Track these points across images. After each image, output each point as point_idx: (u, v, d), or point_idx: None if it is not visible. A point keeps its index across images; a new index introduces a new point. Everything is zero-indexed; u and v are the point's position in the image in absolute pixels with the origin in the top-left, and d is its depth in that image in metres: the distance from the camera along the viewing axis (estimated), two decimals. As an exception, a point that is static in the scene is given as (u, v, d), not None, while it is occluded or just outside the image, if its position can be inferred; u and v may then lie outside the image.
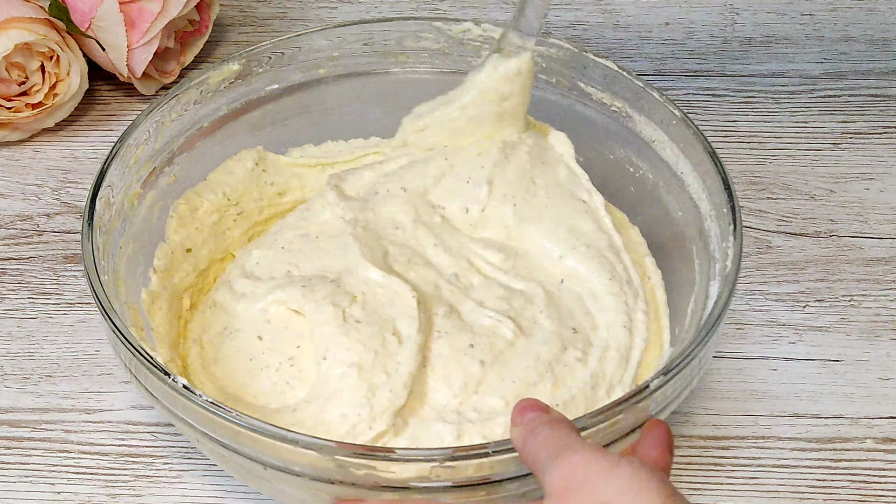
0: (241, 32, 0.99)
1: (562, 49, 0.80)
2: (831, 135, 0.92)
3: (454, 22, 0.82)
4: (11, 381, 0.77)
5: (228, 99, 0.80)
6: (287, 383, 0.71)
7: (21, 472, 0.73)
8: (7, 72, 0.87)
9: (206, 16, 0.95)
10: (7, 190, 0.88)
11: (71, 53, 0.88)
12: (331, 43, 0.81)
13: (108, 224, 0.72)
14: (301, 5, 1.02)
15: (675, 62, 0.97)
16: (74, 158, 0.90)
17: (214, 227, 0.79)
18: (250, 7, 1.01)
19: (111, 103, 0.94)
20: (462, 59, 0.82)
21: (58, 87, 0.89)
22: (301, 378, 0.71)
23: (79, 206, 0.87)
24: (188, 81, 0.78)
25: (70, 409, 0.76)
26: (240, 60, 0.79)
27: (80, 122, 0.92)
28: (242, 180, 0.80)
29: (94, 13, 0.88)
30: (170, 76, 0.94)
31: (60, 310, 0.81)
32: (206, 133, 0.79)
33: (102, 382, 0.77)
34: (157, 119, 0.76)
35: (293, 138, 0.83)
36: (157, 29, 0.89)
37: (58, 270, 0.83)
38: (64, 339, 0.79)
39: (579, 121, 0.81)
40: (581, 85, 0.80)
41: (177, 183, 0.78)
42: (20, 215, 0.86)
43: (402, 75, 0.83)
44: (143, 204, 0.76)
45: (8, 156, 0.90)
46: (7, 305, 0.81)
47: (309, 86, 0.82)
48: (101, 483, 0.73)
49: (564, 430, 0.59)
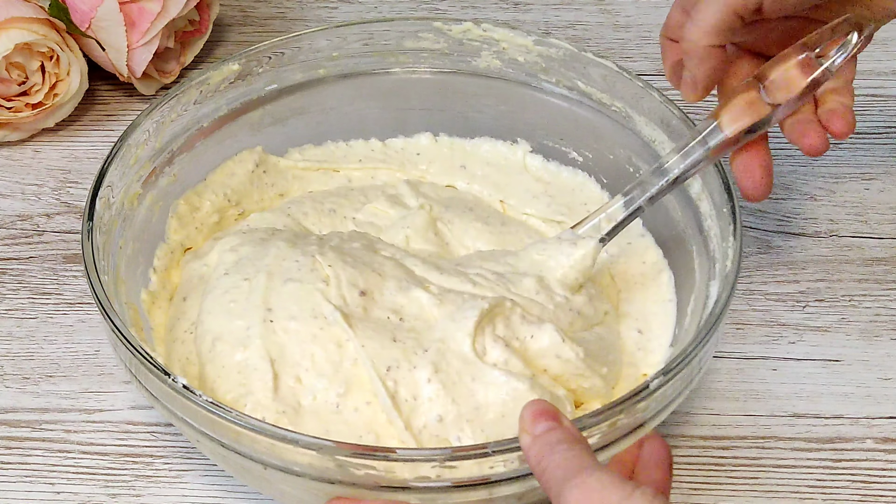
0: (241, 32, 0.99)
1: (562, 49, 0.80)
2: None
3: (454, 22, 0.81)
4: (11, 381, 0.77)
5: (228, 99, 0.80)
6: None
7: (21, 472, 0.73)
8: (7, 72, 0.87)
9: (206, 16, 0.95)
10: (7, 190, 0.88)
11: (71, 53, 0.88)
12: (331, 43, 0.81)
13: (108, 224, 0.72)
14: (301, 5, 1.02)
15: (675, 62, 0.97)
16: (74, 158, 0.90)
17: (215, 227, 0.79)
18: (250, 7, 1.01)
19: (111, 103, 0.94)
20: (462, 59, 0.82)
21: (58, 87, 0.89)
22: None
23: (79, 205, 0.87)
24: (188, 81, 0.78)
25: (70, 409, 0.76)
26: (240, 60, 0.79)
27: (80, 122, 0.92)
28: (243, 182, 0.81)
29: (94, 13, 0.88)
30: (170, 76, 0.94)
31: (60, 310, 0.81)
32: (206, 133, 0.79)
33: (102, 382, 0.77)
34: (157, 119, 0.76)
35: (293, 138, 0.83)
36: (157, 29, 0.89)
37: (58, 270, 0.83)
38: (64, 339, 0.79)
39: (579, 121, 0.81)
40: (581, 85, 0.80)
41: (177, 183, 0.78)
42: (20, 215, 0.86)
43: (402, 75, 0.83)
44: (144, 204, 0.76)
45: (8, 156, 0.90)
46: (7, 305, 0.81)
47: (309, 86, 0.82)
48: (101, 483, 0.73)
49: (581, 451, 0.58)
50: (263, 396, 0.68)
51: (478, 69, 0.82)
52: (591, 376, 0.70)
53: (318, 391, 0.68)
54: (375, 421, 0.68)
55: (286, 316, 0.70)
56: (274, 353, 0.69)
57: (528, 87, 0.82)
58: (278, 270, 0.72)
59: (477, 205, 0.82)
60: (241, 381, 0.69)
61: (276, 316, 0.70)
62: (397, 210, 0.80)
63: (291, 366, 0.69)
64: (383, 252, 0.74)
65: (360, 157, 0.84)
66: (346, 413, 0.68)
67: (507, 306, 0.70)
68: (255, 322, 0.70)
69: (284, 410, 0.68)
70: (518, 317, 0.70)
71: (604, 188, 0.82)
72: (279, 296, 0.71)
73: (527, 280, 0.73)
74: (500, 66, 0.82)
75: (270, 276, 0.71)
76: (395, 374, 0.68)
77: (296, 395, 0.68)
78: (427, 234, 0.78)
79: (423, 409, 0.67)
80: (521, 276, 0.73)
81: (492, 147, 0.84)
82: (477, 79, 0.83)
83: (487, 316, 0.69)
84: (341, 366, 0.69)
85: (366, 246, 0.74)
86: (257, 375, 0.69)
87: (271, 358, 0.69)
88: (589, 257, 0.73)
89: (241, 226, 0.79)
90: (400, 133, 0.85)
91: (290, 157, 0.83)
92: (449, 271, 0.73)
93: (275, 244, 0.74)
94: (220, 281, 0.73)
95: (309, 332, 0.69)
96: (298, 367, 0.69)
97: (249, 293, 0.71)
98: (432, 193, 0.82)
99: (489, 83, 0.83)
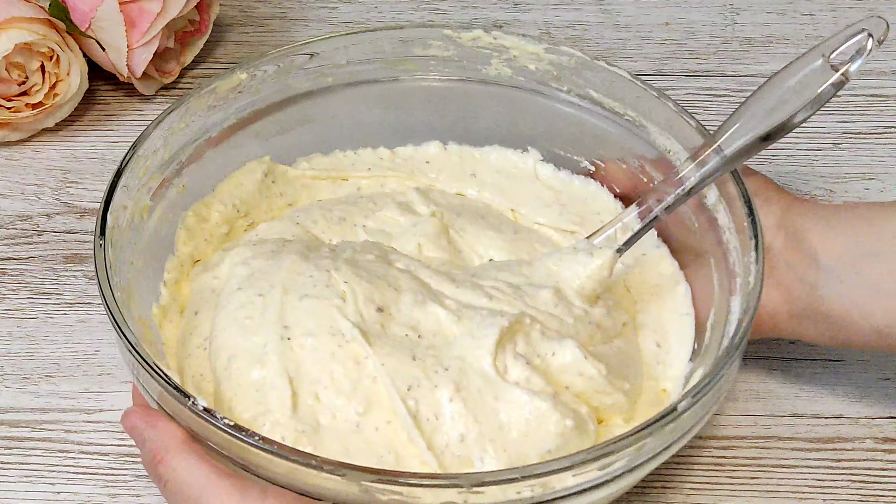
0: (242, 32, 0.99)
1: (573, 57, 0.79)
2: (831, 135, 0.92)
3: (464, 29, 0.81)
4: (11, 381, 0.77)
5: (237, 108, 0.79)
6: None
7: (21, 472, 0.73)
8: (7, 72, 0.87)
9: (206, 16, 0.95)
10: (7, 190, 0.88)
11: (71, 53, 0.88)
12: (339, 51, 0.80)
13: (118, 238, 0.70)
14: (301, 5, 1.02)
15: (675, 62, 0.97)
16: (74, 158, 0.90)
17: (224, 238, 0.78)
18: (250, 7, 1.01)
19: (111, 103, 0.94)
20: (471, 67, 0.81)
21: (58, 87, 0.89)
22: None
23: (79, 205, 0.87)
24: (197, 90, 0.76)
25: (70, 409, 0.76)
26: (247, 69, 0.78)
27: (80, 122, 0.92)
28: (252, 191, 0.79)
29: (94, 13, 0.88)
30: (170, 76, 0.94)
31: (60, 310, 0.81)
32: (213, 143, 0.78)
33: (102, 382, 0.77)
34: (166, 128, 0.75)
35: (301, 147, 0.82)
36: (157, 29, 0.89)
37: (58, 270, 0.83)
38: (64, 339, 0.79)
39: (591, 129, 0.80)
40: (593, 93, 0.79)
41: (185, 194, 0.77)
42: (20, 215, 0.86)
43: (411, 83, 0.82)
44: (153, 216, 0.74)
45: (8, 156, 0.90)
46: (7, 305, 0.81)
47: (316, 94, 0.81)
48: (101, 483, 0.73)
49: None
50: (282, 415, 0.66)
51: (487, 77, 0.81)
52: (613, 393, 0.69)
53: (337, 409, 0.67)
54: (396, 440, 0.66)
55: (303, 333, 0.68)
56: (292, 371, 0.67)
57: (538, 94, 0.81)
58: (293, 286, 0.70)
59: (488, 212, 0.81)
60: (258, 400, 0.67)
61: (294, 333, 0.68)
62: (408, 217, 0.79)
63: (310, 384, 0.67)
64: (397, 264, 0.73)
65: (369, 165, 0.83)
66: (366, 432, 0.66)
67: (527, 322, 0.69)
68: (272, 339, 0.68)
69: (304, 430, 0.66)
70: (538, 332, 0.69)
71: (616, 198, 0.81)
72: (295, 312, 0.69)
73: (543, 292, 0.71)
74: (511, 73, 0.81)
75: (285, 292, 0.70)
76: (416, 392, 0.67)
77: (314, 413, 0.67)
78: (439, 241, 0.77)
79: (444, 429, 0.66)
80: (538, 287, 0.72)
81: (501, 155, 0.83)
82: (486, 86, 0.82)
83: (507, 333, 0.68)
84: (360, 383, 0.67)
85: (379, 257, 0.73)
86: (275, 394, 0.67)
87: (289, 376, 0.67)
88: (606, 267, 0.72)
89: (249, 236, 0.78)
90: (408, 141, 0.84)
91: (299, 167, 0.82)
92: (464, 284, 0.72)
93: (287, 257, 0.72)
94: (234, 296, 0.71)
95: (327, 350, 0.68)
96: (317, 385, 0.67)
97: (264, 309, 0.70)
98: (443, 200, 0.81)
99: (499, 91, 0.81)
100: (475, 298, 0.71)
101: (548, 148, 0.82)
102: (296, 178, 0.82)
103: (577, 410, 0.68)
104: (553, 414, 0.66)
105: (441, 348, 0.69)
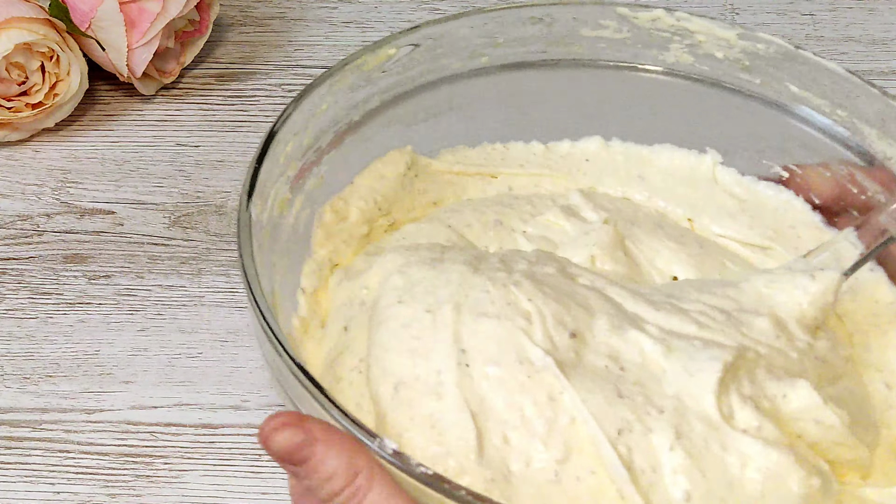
0: (242, 32, 0.99)
1: (773, 45, 0.70)
2: None
3: (642, 8, 0.70)
4: (11, 381, 0.77)
5: (381, 89, 0.68)
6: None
7: (21, 472, 0.73)
8: (7, 72, 0.87)
9: (206, 16, 0.95)
10: (7, 190, 0.88)
11: (71, 53, 0.88)
12: (493, 27, 0.70)
13: (260, 238, 0.59)
14: (301, 5, 1.02)
15: (675, 62, 0.97)
16: (74, 158, 0.90)
17: (364, 240, 0.68)
18: (250, 7, 1.01)
19: (111, 103, 0.94)
20: (646, 53, 0.72)
21: (58, 87, 0.89)
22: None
23: (79, 206, 0.87)
24: (340, 65, 0.66)
25: (70, 409, 0.76)
26: (396, 44, 0.68)
27: (80, 122, 0.92)
28: (394, 186, 0.69)
29: (94, 13, 0.88)
30: (170, 76, 0.94)
31: (60, 310, 0.81)
32: (354, 128, 0.68)
33: (102, 382, 0.77)
34: (307, 109, 0.64)
35: (445, 137, 0.72)
36: (157, 29, 0.89)
37: (58, 270, 0.83)
38: (64, 339, 0.79)
39: (785, 130, 0.71)
40: (793, 89, 0.70)
41: (323, 186, 0.66)
42: (20, 215, 0.86)
43: (574, 68, 0.72)
44: (291, 211, 0.64)
45: (8, 156, 0.90)
46: (7, 305, 0.81)
47: (465, 77, 0.71)
48: (101, 483, 0.73)
49: None
50: (466, 459, 0.56)
51: (664, 64, 0.72)
52: (855, 446, 0.59)
53: (532, 455, 0.56)
54: (603, 494, 0.56)
55: (485, 360, 0.57)
56: (474, 406, 0.57)
57: (722, 87, 0.71)
58: (466, 302, 0.59)
59: (664, 221, 0.71)
60: (435, 439, 0.57)
61: (472, 359, 0.58)
62: (574, 224, 0.69)
63: (497, 422, 0.56)
64: (580, 279, 0.62)
65: (521, 161, 0.73)
66: (566, 483, 0.56)
67: (750, 357, 0.59)
68: (448, 366, 0.58)
69: (493, 478, 0.56)
70: (763, 370, 0.59)
71: (815, 210, 0.70)
72: (473, 334, 0.58)
73: (760, 321, 0.61)
74: (692, 61, 0.71)
75: (458, 310, 0.59)
76: (628, 438, 0.56)
77: (504, 458, 0.56)
78: (615, 253, 0.67)
79: (664, 483, 0.55)
80: (752, 314, 0.61)
81: (675, 155, 0.73)
82: (661, 76, 0.72)
83: (730, 370, 0.58)
84: (556, 423, 0.56)
85: (560, 271, 0.62)
86: (456, 432, 0.56)
87: (472, 411, 0.57)
88: (830, 293, 0.62)
89: (395, 239, 0.68)
90: (565, 136, 0.74)
91: (443, 160, 0.72)
92: (665, 307, 0.61)
93: (454, 268, 0.61)
94: (394, 310, 0.60)
95: (515, 381, 0.57)
96: (505, 425, 0.56)
97: (435, 329, 0.59)
98: (611, 206, 0.71)
99: (675, 81, 0.72)
100: (681, 325, 0.60)
101: (730, 149, 0.72)
102: (439, 173, 0.72)
103: (820, 466, 0.58)
104: (796, 470, 0.56)
105: (649, 385, 0.58)
